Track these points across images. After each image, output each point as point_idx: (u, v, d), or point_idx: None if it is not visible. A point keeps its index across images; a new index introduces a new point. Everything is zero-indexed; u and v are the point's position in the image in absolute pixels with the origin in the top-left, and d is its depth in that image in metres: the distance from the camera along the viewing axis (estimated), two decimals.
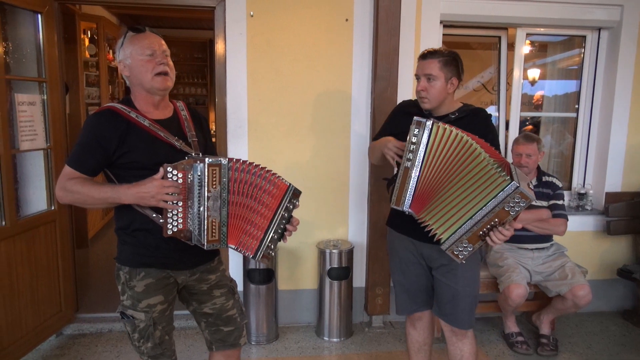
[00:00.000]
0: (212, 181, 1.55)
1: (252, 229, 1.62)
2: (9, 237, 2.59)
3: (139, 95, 1.67)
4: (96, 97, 5.18)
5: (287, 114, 3.09)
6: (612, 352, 3.01)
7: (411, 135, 1.73)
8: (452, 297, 2.03)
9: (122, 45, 1.65)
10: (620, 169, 3.46)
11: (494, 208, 1.61)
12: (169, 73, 1.65)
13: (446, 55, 1.95)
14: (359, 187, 3.21)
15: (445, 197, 1.70)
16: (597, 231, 3.49)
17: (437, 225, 1.72)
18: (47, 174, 2.91)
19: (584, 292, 2.75)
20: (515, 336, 3.02)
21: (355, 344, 3.08)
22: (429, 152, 1.71)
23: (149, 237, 1.64)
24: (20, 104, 2.68)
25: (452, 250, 1.71)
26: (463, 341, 2.09)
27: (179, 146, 1.63)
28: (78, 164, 1.59)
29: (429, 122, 1.70)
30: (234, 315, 1.87)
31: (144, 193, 1.52)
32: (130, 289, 1.67)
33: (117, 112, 1.60)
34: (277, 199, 1.63)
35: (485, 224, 1.65)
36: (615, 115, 3.38)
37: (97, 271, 4.23)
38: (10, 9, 2.72)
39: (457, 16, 3.17)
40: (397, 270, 2.18)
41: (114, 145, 1.57)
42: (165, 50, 1.66)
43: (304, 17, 3.02)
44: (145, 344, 1.69)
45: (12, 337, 2.63)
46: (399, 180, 1.78)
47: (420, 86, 1.97)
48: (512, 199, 1.59)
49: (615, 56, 3.35)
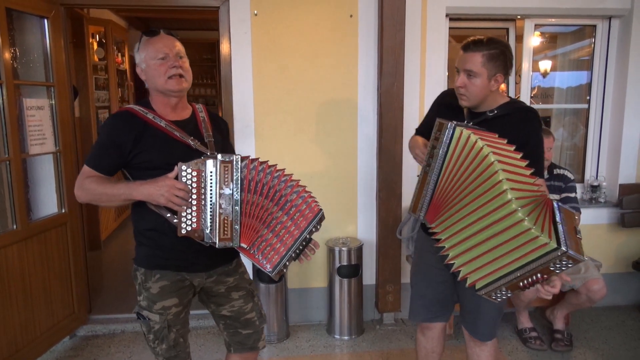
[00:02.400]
0: (224, 178, 1.54)
1: (276, 242, 1.60)
2: (20, 240, 2.62)
3: (156, 97, 1.69)
4: (106, 100, 5.23)
5: (294, 112, 3.08)
6: (629, 347, 2.96)
7: (432, 138, 1.61)
8: (475, 307, 1.93)
9: (138, 50, 1.67)
10: (634, 160, 3.39)
11: (535, 268, 1.41)
12: (183, 75, 1.65)
13: (492, 49, 1.70)
14: (367, 184, 3.19)
15: (463, 219, 1.54)
16: (612, 224, 3.43)
17: (456, 255, 1.57)
18: (57, 178, 2.93)
19: (598, 286, 2.70)
20: (528, 332, 2.98)
21: (367, 341, 3.07)
22: (449, 158, 1.57)
23: (163, 238, 1.65)
24: (29, 108, 2.71)
25: (490, 295, 1.55)
26: (482, 348, 2.01)
27: (194, 146, 1.63)
28: (95, 163, 1.63)
29: (450, 125, 1.56)
30: (253, 319, 1.86)
31: (155, 190, 1.53)
32: (146, 290, 1.68)
33: (135, 113, 1.63)
34: (307, 220, 1.60)
35: (527, 277, 1.46)
36: (627, 106, 3.31)
37: (110, 273, 4.27)
38: (17, 15, 2.75)
39: (463, 9, 3.13)
40: (418, 274, 2.05)
41: (129, 145, 1.59)
42: (179, 52, 1.66)
43: (308, 14, 3.01)
44: (160, 345, 1.70)
45: (26, 338, 2.67)
46: (418, 185, 1.68)
47: (460, 82, 1.75)
48: (559, 261, 1.38)
49: (626, 45, 3.28)
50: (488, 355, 2.02)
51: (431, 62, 3.13)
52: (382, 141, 3.02)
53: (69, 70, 2.99)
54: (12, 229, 2.59)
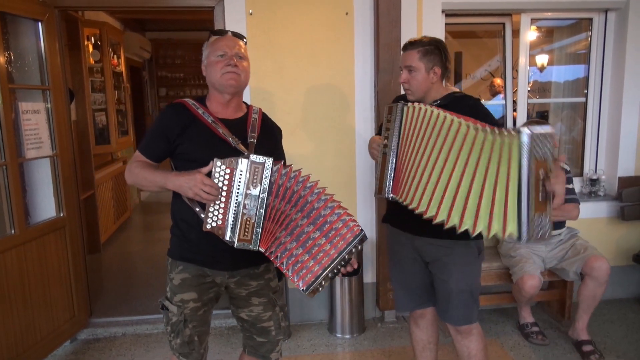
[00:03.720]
0: (252, 179, 1.55)
1: (310, 260, 1.57)
2: (19, 244, 2.61)
3: (212, 95, 1.75)
4: (102, 103, 5.21)
5: (291, 111, 3.07)
6: (630, 339, 2.96)
7: (384, 122, 1.78)
8: (448, 293, 1.97)
9: (205, 48, 1.74)
10: (633, 153, 3.38)
11: (529, 169, 1.45)
12: (239, 74, 1.69)
13: (426, 45, 1.91)
14: (365, 182, 3.19)
15: (425, 172, 1.66)
16: (611, 217, 3.42)
17: (436, 208, 1.62)
18: (55, 181, 2.92)
19: (599, 262, 2.65)
20: (530, 326, 2.98)
21: (368, 339, 3.07)
22: (404, 131, 1.74)
23: (192, 231, 1.68)
24: (24, 112, 2.70)
25: (532, 236, 1.48)
26: (469, 338, 2.03)
27: (234, 144, 1.64)
28: (145, 149, 1.73)
29: (399, 104, 1.73)
30: (270, 328, 1.85)
31: (184, 183, 1.57)
32: (170, 281, 1.74)
33: (186, 106, 1.70)
34: (346, 241, 1.58)
35: (536, 186, 1.46)
36: (625, 98, 3.31)
37: (110, 275, 4.26)
38: (11, 18, 2.74)
39: (459, 4, 3.12)
40: (394, 267, 2.15)
41: (175, 135, 1.66)
42: (238, 53, 1.70)
43: (303, 12, 3.00)
44: (175, 339, 1.72)
45: (27, 343, 2.66)
46: (379, 169, 1.80)
47: (402, 78, 1.96)
48: (536, 146, 1.44)
49: (623, 38, 3.28)
50: (477, 344, 2.03)
51: None
52: None
53: (64, 73, 2.97)
54: (10, 234, 2.58)
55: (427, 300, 2.11)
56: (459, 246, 1.92)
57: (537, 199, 1.47)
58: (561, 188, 1.53)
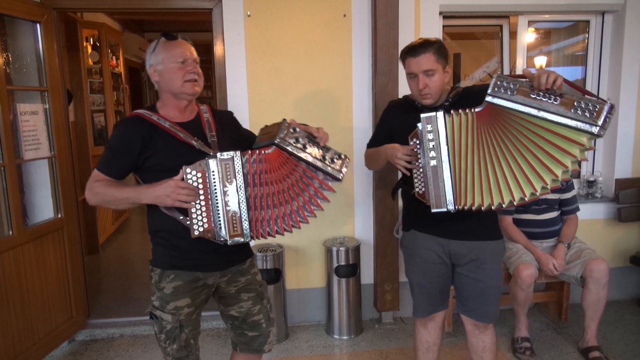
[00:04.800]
0: (226, 176, 1.58)
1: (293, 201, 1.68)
2: (17, 246, 2.61)
3: (167, 100, 1.73)
4: (101, 104, 5.22)
5: (289, 113, 3.07)
6: (627, 341, 2.96)
7: (425, 133, 1.72)
8: (481, 292, 1.99)
9: (154, 51, 1.70)
10: (629, 155, 3.40)
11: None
12: (198, 80, 1.70)
13: (435, 44, 1.86)
14: (363, 184, 3.19)
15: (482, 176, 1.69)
16: (608, 219, 3.43)
17: (489, 198, 1.69)
18: (53, 182, 2.92)
19: (599, 264, 2.64)
20: (520, 341, 2.86)
21: (366, 340, 3.07)
22: (453, 143, 1.70)
23: (180, 240, 1.68)
24: (22, 113, 2.70)
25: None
26: (485, 332, 2.08)
27: (198, 146, 1.66)
28: (106, 167, 1.67)
29: (439, 114, 1.70)
30: (260, 321, 1.88)
31: (160, 192, 1.57)
32: (160, 290, 1.71)
33: (142, 117, 1.68)
34: (287, 161, 1.65)
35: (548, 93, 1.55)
36: (622, 100, 3.32)
37: (108, 276, 4.26)
38: (10, 20, 2.74)
39: (457, 6, 3.13)
40: (418, 272, 2.09)
41: (137, 149, 1.63)
42: (196, 59, 1.71)
43: (302, 14, 3.00)
44: (171, 345, 1.72)
45: (25, 344, 2.66)
46: (430, 182, 1.76)
47: (422, 84, 1.85)
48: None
49: (620, 40, 3.29)
50: (492, 338, 2.09)
51: None
52: None
53: (62, 74, 2.98)
54: (8, 235, 2.58)
55: (442, 304, 2.13)
56: (490, 246, 1.96)
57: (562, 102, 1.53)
58: (552, 73, 1.53)
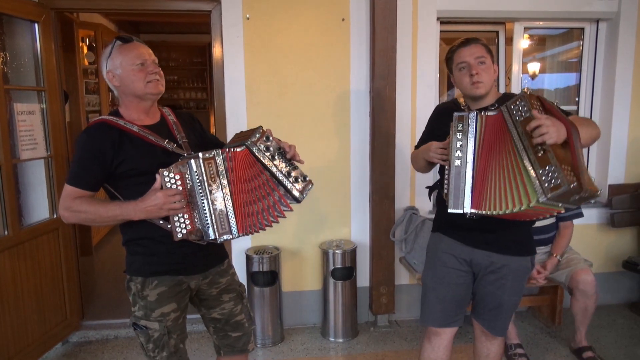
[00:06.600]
0: (209, 174, 1.58)
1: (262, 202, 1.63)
2: (12, 246, 2.59)
3: (130, 103, 1.69)
4: (96, 105, 5.19)
5: (286, 116, 3.08)
6: (619, 345, 2.99)
7: (455, 132, 1.68)
8: (497, 305, 1.95)
9: (110, 55, 1.66)
10: (622, 161, 3.44)
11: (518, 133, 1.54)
12: (160, 79, 1.69)
13: (482, 41, 1.89)
14: (360, 187, 3.20)
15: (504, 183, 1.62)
16: (601, 224, 3.47)
17: (503, 206, 1.60)
18: (49, 183, 2.91)
19: (584, 275, 2.68)
20: (514, 348, 2.85)
21: (361, 343, 3.08)
22: (480, 143, 1.65)
23: (159, 245, 1.65)
24: (19, 113, 2.69)
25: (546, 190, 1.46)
26: (492, 342, 2.04)
27: (171, 148, 1.65)
28: (77, 180, 1.60)
29: (472, 114, 1.67)
30: (242, 321, 1.88)
31: (152, 206, 1.54)
32: (143, 299, 1.67)
33: (108, 122, 1.63)
34: (254, 164, 1.63)
35: (531, 145, 1.50)
36: (616, 107, 3.36)
37: (102, 278, 4.24)
38: (8, 19, 2.74)
39: (454, 12, 3.16)
40: (436, 277, 2.01)
41: (109, 155, 1.58)
42: (154, 59, 1.70)
43: (300, 18, 3.02)
44: (161, 353, 1.68)
45: (18, 346, 2.64)
46: (452, 182, 1.69)
47: (474, 69, 1.83)
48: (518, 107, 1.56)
49: (614, 48, 3.33)
50: (498, 348, 2.07)
51: (422, 64, 3.16)
52: (375, 143, 3.03)
53: (59, 74, 2.97)
54: (4, 235, 2.57)
55: (454, 318, 2.02)
56: (514, 262, 1.90)
57: (536, 155, 1.49)
58: (554, 130, 1.47)
